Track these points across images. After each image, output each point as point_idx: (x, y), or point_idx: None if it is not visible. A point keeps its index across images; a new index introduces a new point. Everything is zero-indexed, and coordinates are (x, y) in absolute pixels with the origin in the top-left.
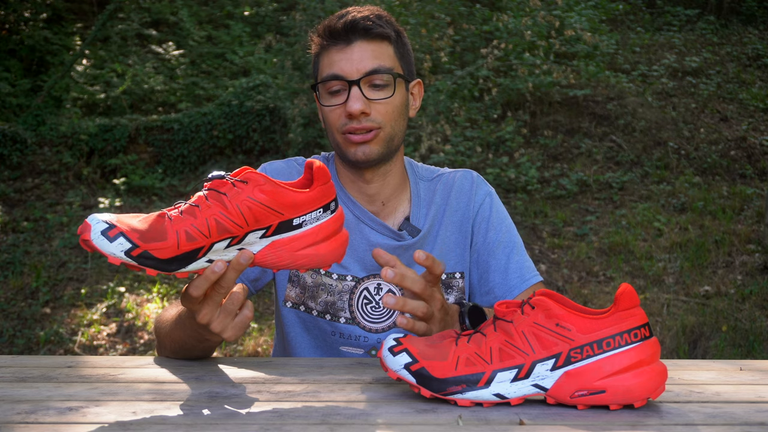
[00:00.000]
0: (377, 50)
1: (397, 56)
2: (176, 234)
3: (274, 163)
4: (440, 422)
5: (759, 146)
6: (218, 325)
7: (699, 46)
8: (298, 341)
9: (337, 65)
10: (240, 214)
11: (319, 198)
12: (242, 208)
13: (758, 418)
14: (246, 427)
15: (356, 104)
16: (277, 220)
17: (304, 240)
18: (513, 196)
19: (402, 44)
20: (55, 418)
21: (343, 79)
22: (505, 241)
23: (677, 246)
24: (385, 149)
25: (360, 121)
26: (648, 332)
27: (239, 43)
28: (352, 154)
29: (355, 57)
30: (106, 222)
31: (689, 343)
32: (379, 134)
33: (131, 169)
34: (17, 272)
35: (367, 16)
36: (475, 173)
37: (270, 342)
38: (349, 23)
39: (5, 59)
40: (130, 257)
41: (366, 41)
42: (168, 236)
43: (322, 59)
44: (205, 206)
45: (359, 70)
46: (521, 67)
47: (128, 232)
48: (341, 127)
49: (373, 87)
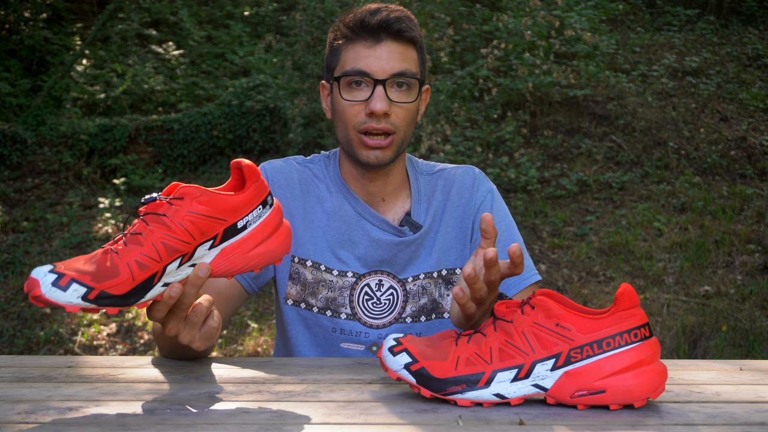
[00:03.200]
0: (405, 53)
1: (419, 61)
2: (128, 266)
3: (273, 162)
4: (440, 422)
5: (759, 146)
6: (186, 337)
7: (699, 46)
8: (298, 339)
9: (364, 61)
10: (185, 231)
11: (256, 196)
12: (185, 223)
13: (758, 418)
14: (246, 427)
15: (380, 104)
16: (222, 227)
17: (252, 240)
18: (513, 196)
19: (423, 50)
20: (54, 418)
21: (369, 76)
22: (506, 239)
23: (677, 246)
24: (395, 154)
25: (379, 122)
26: (648, 332)
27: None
28: (365, 156)
29: (383, 56)
30: (53, 272)
31: (689, 343)
32: (394, 139)
33: (131, 169)
34: (17, 272)
35: (400, 17)
36: (477, 170)
37: (270, 342)
38: (384, 22)
39: (5, 59)
40: (88, 301)
41: (395, 42)
42: (120, 271)
43: (346, 51)
44: (149, 232)
45: (386, 71)
46: (521, 67)
47: (79, 277)
48: (358, 125)
49: (398, 89)
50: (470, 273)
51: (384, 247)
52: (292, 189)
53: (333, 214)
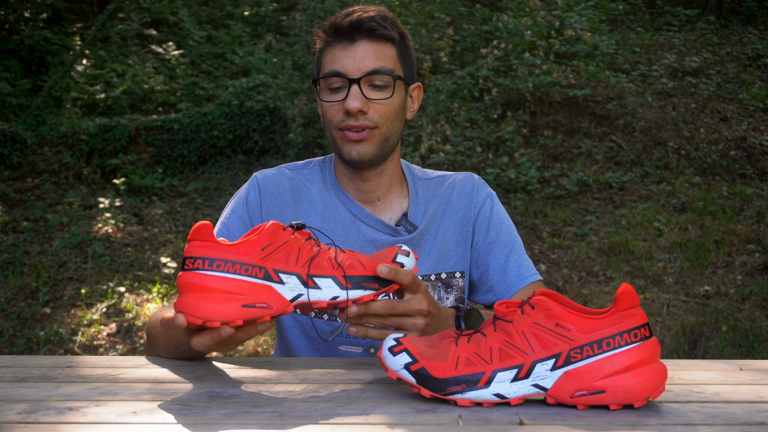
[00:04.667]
0: (380, 51)
1: (399, 58)
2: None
3: (265, 172)
4: (440, 422)
5: (759, 146)
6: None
7: (699, 46)
8: (297, 344)
9: (339, 62)
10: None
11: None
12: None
13: (758, 418)
14: (246, 427)
15: (354, 102)
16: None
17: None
18: (513, 196)
19: (405, 47)
20: (54, 418)
21: (344, 76)
22: (505, 241)
23: (677, 246)
24: (379, 150)
25: (357, 119)
26: (648, 332)
27: (239, 43)
28: (347, 152)
29: (357, 56)
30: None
31: (689, 343)
32: (374, 133)
33: (131, 169)
34: (17, 272)
35: (373, 17)
36: (476, 176)
37: (270, 342)
38: (355, 22)
39: (5, 59)
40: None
41: (370, 41)
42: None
43: (325, 55)
44: None
45: (360, 69)
46: (521, 67)
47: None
48: (338, 123)
49: (373, 87)
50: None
51: (379, 248)
52: (283, 197)
53: (328, 217)
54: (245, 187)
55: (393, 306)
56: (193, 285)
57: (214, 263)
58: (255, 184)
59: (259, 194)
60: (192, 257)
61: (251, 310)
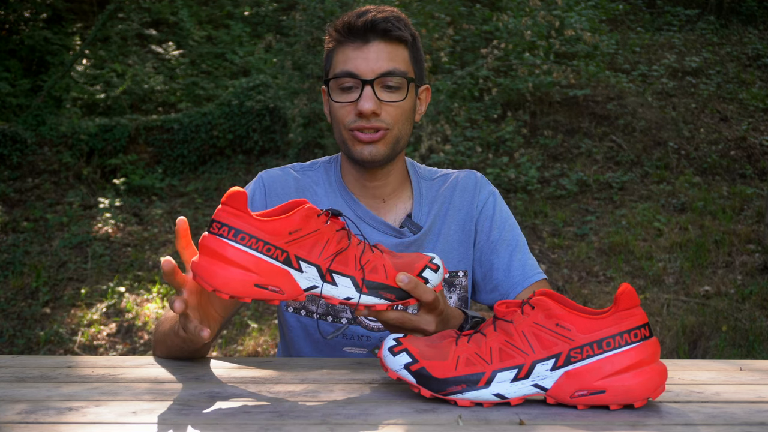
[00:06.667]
0: (393, 52)
1: (411, 60)
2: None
3: (270, 171)
4: (440, 422)
5: (759, 146)
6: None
7: (699, 46)
8: (300, 345)
9: (352, 63)
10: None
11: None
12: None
13: (758, 418)
14: (246, 427)
15: (368, 104)
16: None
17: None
18: (513, 196)
19: (416, 49)
20: (54, 418)
21: (357, 77)
22: (508, 239)
23: (677, 246)
24: (390, 151)
25: (369, 121)
26: (648, 332)
27: (239, 43)
28: (359, 152)
29: (371, 57)
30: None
31: (689, 343)
32: (387, 135)
33: (131, 169)
34: (17, 272)
35: (387, 18)
36: (479, 174)
37: (270, 342)
38: (369, 22)
39: (5, 59)
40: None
41: (383, 42)
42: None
43: (336, 54)
44: None
45: (374, 71)
46: (521, 67)
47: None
48: (349, 124)
49: (386, 89)
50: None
51: None
52: (289, 197)
53: None
54: (250, 186)
55: (404, 321)
56: (213, 251)
57: (239, 235)
58: (260, 184)
59: (264, 195)
60: (219, 222)
61: (262, 291)
